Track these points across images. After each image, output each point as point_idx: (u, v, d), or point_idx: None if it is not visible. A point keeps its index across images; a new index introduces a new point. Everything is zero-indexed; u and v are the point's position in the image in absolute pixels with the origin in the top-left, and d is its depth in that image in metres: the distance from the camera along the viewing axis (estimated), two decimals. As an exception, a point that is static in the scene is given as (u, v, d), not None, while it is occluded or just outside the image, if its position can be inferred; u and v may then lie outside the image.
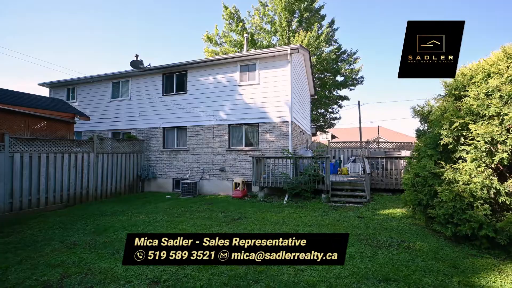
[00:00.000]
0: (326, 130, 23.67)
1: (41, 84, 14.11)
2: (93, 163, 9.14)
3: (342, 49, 19.82)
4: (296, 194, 8.17)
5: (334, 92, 20.30)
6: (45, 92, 14.48)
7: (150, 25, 71.18)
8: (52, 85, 14.04)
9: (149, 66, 11.57)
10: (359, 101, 24.17)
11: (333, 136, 47.84)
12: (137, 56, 15.50)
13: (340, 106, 21.28)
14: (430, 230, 4.62)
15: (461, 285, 2.82)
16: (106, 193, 9.64)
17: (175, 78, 11.38)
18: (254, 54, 9.87)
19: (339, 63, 19.43)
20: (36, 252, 4.23)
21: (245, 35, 14.62)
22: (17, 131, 7.57)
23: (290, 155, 8.67)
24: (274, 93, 9.62)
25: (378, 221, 5.43)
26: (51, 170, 7.88)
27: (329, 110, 21.45)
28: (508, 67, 3.52)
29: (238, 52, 19.80)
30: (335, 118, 21.74)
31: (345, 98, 20.60)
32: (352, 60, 19.43)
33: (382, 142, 15.71)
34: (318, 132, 26.18)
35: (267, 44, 20.07)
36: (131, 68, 11.58)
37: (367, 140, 13.28)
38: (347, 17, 52.91)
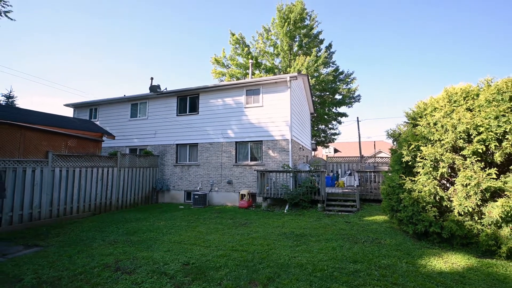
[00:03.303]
0: (327, 144, 24.81)
1: (67, 105, 15.72)
2: (116, 176, 10.39)
3: (340, 70, 21.37)
4: (296, 204, 9.25)
5: (333, 110, 21.65)
6: (69, 111, 16.07)
7: (160, 47, 74.97)
8: (76, 106, 15.64)
9: (165, 90, 13.09)
10: (357, 118, 25.44)
11: (335, 150, 48.86)
12: (152, 78, 17.26)
13: (340, 123, 22.55)
14: (401, 231, 5.67)
15: (407, 264, 3.88)
16: (126, 203, 10.81)
17: (188, 100, 12.82)
18: (258, 81, 11.28)
19: (337, 83, 20.91)
20: (86, 246, 5.39)
21: (250, 60, 16.20)
22: (58, 148, 8.91)
23: (290, 169, 9.83)
24: (276, 114, 10.92)
25: (362, 225, 6.49)
26: (82, 183, 9.14)
27: (329, 126, 22.72)
28: (445, 105, 4.72)
29: (244, 72, 21.51)
30: (335, 134, 22.97)
31: (343, 115, 21.91)
32: (349, 80, 20.90)
33: (380, 156, 16.75)
34: (320, 147, 27.30)
35: (270, 66, 21.74)
36: (148, 92, 13.13)
37: (362, 155, 14.38)
38: (345, 36, 55.42)
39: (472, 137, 4.28)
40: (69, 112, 16.24)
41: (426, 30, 58.81)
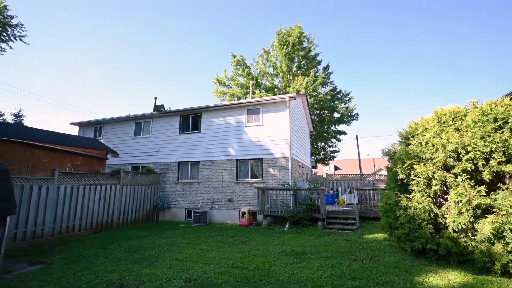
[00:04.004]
0: (327, 162, 24.96)
1: (73, 124, 16.16)
2: (118, 194, 10.52)
3: (337, 90, 22.04)
4: (296, 222, 9.30)
5: (332, 128, 22.06)
6: (74, 129, 16.46)
7: (166, 68, 77.48)
8: (82, 124, 16.07)
9: (169, 110, 13.55)
10: (356, 135, 25.79)
11: (336, 168, 48.84)
12: (156, 98, 17.82)
13: (339, 140, 22.86)
14: (400, 249, 5.74)
15: (405, 281, 3.97)
16: (127, 221, 10.84)
17: (190, 119, 13.23)
18: (259, 100, 11.73)
19: (335, 102, 21.49)
20: (90, 263, 5.46)
21: (250, 81, 16.85)
22: (64, 166, 9.14)
23: (290, 187, 9.97)
24: (276, 133, 11.24)
25: (361, 243, 6.55)
26: (86, 200, 9.27)
27: (329, 144, 23.02)
28: (435, 125, 5.02)
29: (244, 91, 22.19)
30: (334, 151, 23.21)
31: (342, 133, 22.28)
32: (347, 99, 21.50)
33: (380, 174, 16.87)
34: (320, 164, 27.44)
35: (270, 85, 22.47)
36: (152, 111, 13.57)
37: (362, 173, 14.52)
38: (343, 57, 57.38)
39: (461, 156, 4.52)
40: (74, 130, 16.64)
41: (427, 45, 60.92)
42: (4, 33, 16.64)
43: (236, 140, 11.93)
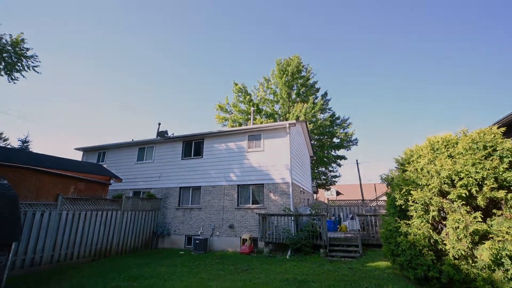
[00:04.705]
0: (328, 187, 24.83)
1: (77, 149, 16.48)
2: (119, 220, 10.47)
3: (336, 115, 22.65)
4: (298, 249, 9.15)
5: (332, 153, 22.31)
6: (78, 154, 16.73)
7: (169, 95, 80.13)
8: (86, 149, 16.38)
9: (172, 135, 13.93)
10: (357, 160, 25.97)
11: (337, 193, 48.21)
12: (159, 124, 18.34)
13: (339, 165, 22.97)
14: (403, 277, 5.66)
15: (408, 310, 3.93)
16: (126, 248, 10.65)
17: (193, 145, 13.53)
18: (260, 127, 12.11)
19: (334, 127, 21.99)
20: (89, 292, 5.38)
21: (251, 108, 17.48)
22: (68, 191, 9.25)
23: (291, 212, 9.95)
24: (276, 158, 11.46)
25: (365, 271, 6.44)
26: (86, 226, 9.23)
27: (329, 168, 23.10)
28: (428, 152, 5.25)
29: (246, 117, 22.80)
30: (335, 176, 23.21)
31: (342, 157, 22.48)
32: (346, 125, 22.01)
33: (382, 200, 16.75)
34: (321, 189, 27.23)
35: (271, 111, 23.15)
36: (156, 137, 13.93)
37: (364, 199, 14.47)
38: (341, 83, 59.48)
39: (455, 182, 4.69)
40: (78, 155, 16.92)
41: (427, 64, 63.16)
42: (19, 63, 17.66)
43: (237, 165, 12.11)
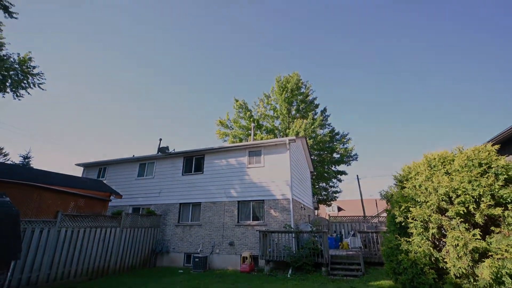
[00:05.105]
0: (329, 203, 24.60)
1: (78, 164, 16.54)
2: (117, 237, 10.35)
3: (336, 131, 22.89)
4: (299, 267, 8.98)
5: (333, 168, 22.31)
6: (79, 170, 16.78)
7: (169, 112, 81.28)
8: (86, 165, 16.44)
9: (173, 151, 14.05)
10: (357, 175, 25.90)
11: (339, 209, 47.59)
12: (160, 139, 18.49)
13: (340, 181, 22.90)
14: (406, 297, 5.54)
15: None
16: (124, 267, 10.45)
17: (194, 160, 13.61)
18: (260, 143, 12.26)
19: (334, 143, 22.15)
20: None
21: (252, 124, 17.73)
22: (68, 207, 9.23)
23: (292, 229, 9.85)
24: (276, 174, 11.49)
25: (367, 291, 6.32)
26: (84, 244, 9.12)
27: (330, 184, 23.01)
28: (425, 169, 5.34)
29: (246, 133, 23.02)
30: (336, 192, 23.06)
31: (343, 173, 22.45)
32: (345, 140, 22.19)
33: (384, 216, 16.56)
34: (323, 205, 26.96)
35: (271, 127, 23.41)
36: (157, 153, 14.05)
37: (364, 215, 14.34)
38: (339, 98, 60.41)
39: (453, 199, 4.74)
40: (79, 170, 16.97)
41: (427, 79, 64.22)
42: (25, 81, 18.14)
43: (238, 181, 12.13)
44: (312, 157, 18.31)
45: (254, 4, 51.17)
